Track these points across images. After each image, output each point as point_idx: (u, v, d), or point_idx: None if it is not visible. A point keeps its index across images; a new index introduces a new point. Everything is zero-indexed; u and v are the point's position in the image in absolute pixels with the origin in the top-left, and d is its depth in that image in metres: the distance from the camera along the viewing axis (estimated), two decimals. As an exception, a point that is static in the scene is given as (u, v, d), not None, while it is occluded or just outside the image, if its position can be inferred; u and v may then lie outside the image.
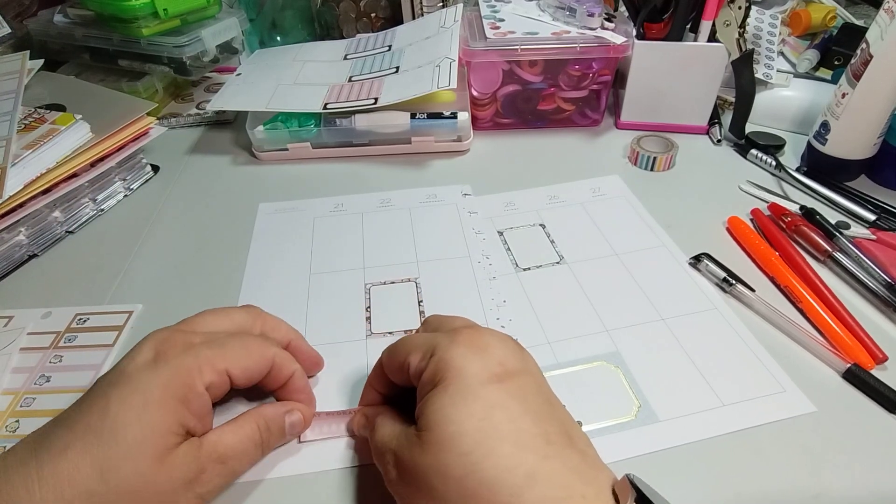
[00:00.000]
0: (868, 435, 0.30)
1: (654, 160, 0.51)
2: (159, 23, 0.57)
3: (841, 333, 0.35)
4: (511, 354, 0.25)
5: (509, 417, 0.22)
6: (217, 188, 0.52)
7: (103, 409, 0.24)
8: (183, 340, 0.27)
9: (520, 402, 0.23)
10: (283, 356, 0.30)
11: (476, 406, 0.22)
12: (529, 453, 0.21)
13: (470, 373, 0.23)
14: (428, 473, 0.22)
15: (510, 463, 0.21)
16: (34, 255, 0.44)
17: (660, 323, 0.37)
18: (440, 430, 0.22)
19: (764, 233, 0.44)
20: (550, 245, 0.44)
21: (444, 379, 0.24)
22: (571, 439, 0.23)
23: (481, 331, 0.26)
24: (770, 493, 0.28)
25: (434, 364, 0.24)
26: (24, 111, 0.45)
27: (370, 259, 0.43)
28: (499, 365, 0.24)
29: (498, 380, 0.23)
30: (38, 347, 0.36)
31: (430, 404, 0.23)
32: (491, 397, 0.23)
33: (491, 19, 0.56)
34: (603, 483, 0.22)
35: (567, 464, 0.22)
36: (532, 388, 0.24)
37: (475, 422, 0.22)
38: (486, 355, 0.24)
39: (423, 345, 0.26)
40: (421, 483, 0.22)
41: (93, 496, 0.22)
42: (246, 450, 0.27)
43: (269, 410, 0.29)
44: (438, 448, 0.22)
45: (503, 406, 0.23)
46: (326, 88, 0.55)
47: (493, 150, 0.56)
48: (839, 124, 0.47)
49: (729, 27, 0.51)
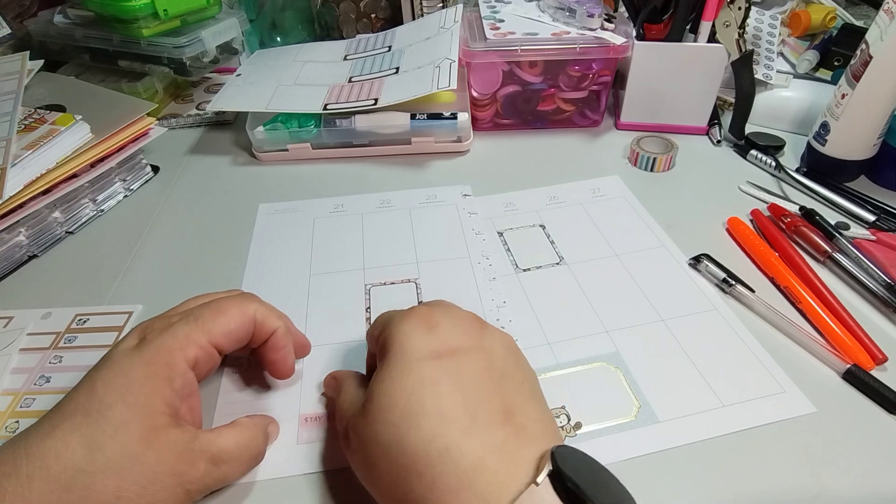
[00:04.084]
0: (868, 435, 0.30)
1: (654, 161, 0.51)
2: (159, 23, 0.57)
3: (841, 334, 0.35)
4: (461, 333, 0.26)
5: (437, 393, 0.23)
6: (217, 189, 0.52)
7: (90, 391, 0.25)
8: (162, 323, 0.28)
9: (454, 379, 0.24)
10: (264, 311, 0.30)
11: (409, 380, 0.24)
12: (450, 429, 0.22)
13: (411, 348, 0.25)
14: (365, 442, 0.24)
15: (428, 435, 0.22)
16: (34, 256, 0.44)
17: (660, 323, 0.37)
18: (377, 402, 0.24)
19: (764, 233, 0.44)
20: (550, 246, 0.44)
21: (388, 352, 0.25)
22: (509, 416, 0.23)
23: (437, 308, 0.27)
24: (770, 493, 0.28)
25: (384, 337, 0.26)
26: (25, 112, 0.45)
27: (370, 260, 0.43)
28: (441, 342, 0.25)
29: (436, 356, 0.24)
30: (38, 348, 0.36)
31: (374, 378, 0.25)
32: (424, 373, 0.24)
33: (491, 20, 0.56)
34: (527, 457, 0.22)
35: (487, 440, 0.22)
36: (474, 367, 0.25)
37: (405, 395, 0.23)
38: (433, 332, 0.25)
39: (384, 319, 0.28)
40: (360, 451, 0.24)
41: (78, 473, 0.22)
42: (241, 457, 0.27)
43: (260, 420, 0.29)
44: (374, 418, 0.24)
45: (434, 382, 0.23)
46: (326, 89, 0.55)
47: (493, 151, 0.56)
48: (839, 125, 0.47)
49: (729, 28, 0.51)
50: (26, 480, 0.22)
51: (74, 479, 0.22)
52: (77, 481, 0.22)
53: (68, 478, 0.22)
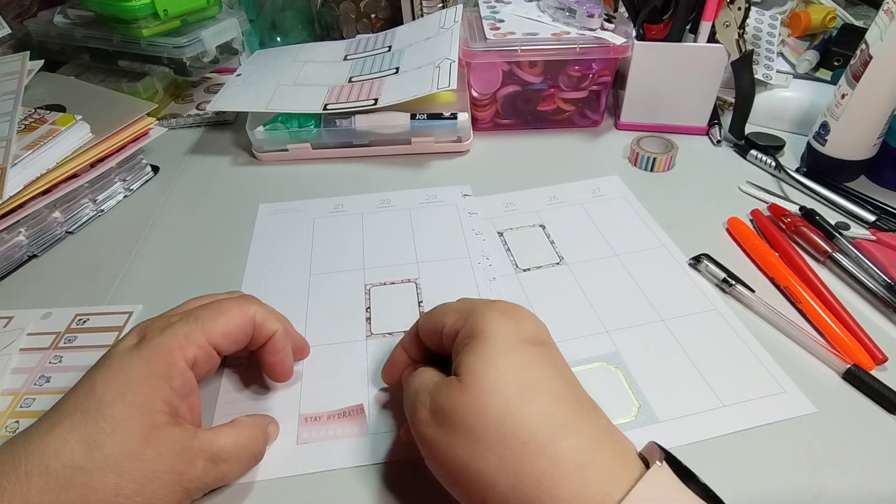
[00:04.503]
0: (868, 435, 0.30)
1: (654, 161, 0.51)
2: (159, 23, 0.57)
3: (841, 334, 0.35)
4: (542, 329, 0.27)
5: (545, 375, 0.24)
6: (217, 189, 0.52)
7: (89, 389, 0.25)
8: (162, 323, 0.28)
9: (552, 366, 0.25)
10: (264, 313, 0.30)
11: (515, 359, 0.24)
12: (565, 408, 0.23)
13: (506, 331, 0.25)
14: (467, 414, 0.23)
15: (547, 412, 0.22)
16: (34, 256, 0.44)
17: (660, 323, 0.37)
18: (483, 374, 0.23)
19: (764, 233, 0.44)
20: (550, 246, 0.44)
21: (482, 334, 0.25)
22: (597, 409, 0.24)
23: (516, 305, 0.27)
24: (770, 493, 0.28)
25: (472, 323, 0.26)
26: (25, 112, 0.45)
27: (370, 260, 0.43)
28: (532, 332, 0.26)
29: (532, 343, 0.25)
30: (38, 348, 0.36)
31: (469, 353, 0.24)
32: (527, 355, 0.24)
33: (491, 20, 0.56)
34: (629, 446, 0.23)
35: (597, 423, 0.23)
36: (561, 360, 0.26)
37: (514, 373, 0.23)
38: (521, 323, 0.26)
39: (462, 307, 0.27)
40: (458, 424, 0.23)
41: (77, 471, 0.22)
42: (240, 456, 0.27)
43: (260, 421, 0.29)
44: (479, 391, 0.23)
45: (539, 365, 0.24)
46: (326, 89, 0.55)
47: (493, 151, 0.56)
48: (839, 125, 0.47)
49: (728, 28, 0.51)
50: (25, 478, 0.22)
51: (73, 476, 0.22)
52: (75, 479, 0.22)
53: (67, 475, 0.22)
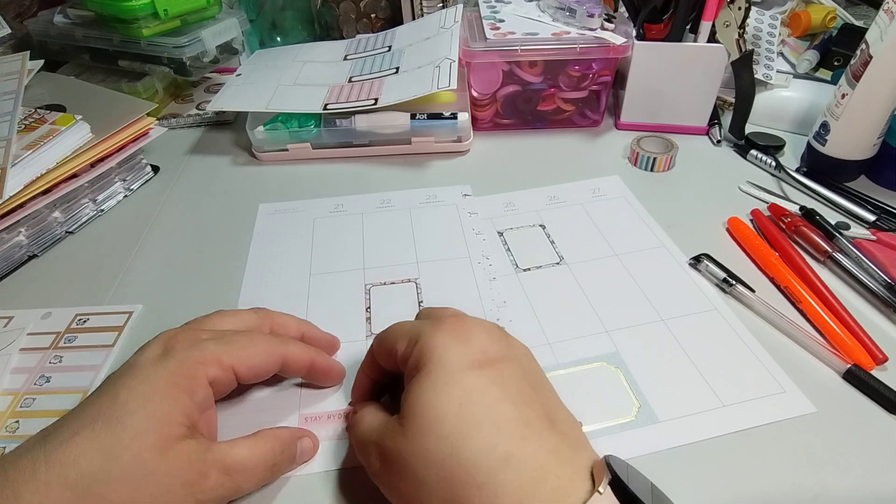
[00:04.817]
0: (868, 435, 0.30)
1: (654, 161, 0.51)
2: (159, 23, 0.57)
3: (841, 334, 0.35)
4: (494, 342, 0.25)
5: (488, 403, 0.23)
6: (217, 188, 0.52)
7: (113, 397, 0.25)
8: (191, 336, 0.28)
9: (500, 387, 0.24)
10: (295, 350, 0.30)
11: (456, 391, 0.23)
12: (506, 436, 0.22)
13: (451, 359, 0.24)
14: (410, 459, 0.23)
15: (486, 445, 0.22)
16: (34, 256, 0.44)
17: (660, 323, 0.37)
18: (422, 416, 0.23)
19: (764, 233, 0.44)
20: (550, 246, 0.44)
21: (426, 365, 0.24)
22: (553, 422, 0.23)
23: (465, 319, 0.27)
24: (770, 494, 0.28)
25: (418, 350, 0.25)
26: (25, 111, 0.45)
27: (370, 259, 0.43)
28: (481, 352, 0.25)
29: (479, 366, 0.24)
30: (38, 348, 0.36)
31: (412, 392, 0.24)
32: (470, 383, 0.23)
33: (491, 20, 0.56)
34: (581, 463, 0.22)
35: (544, 446, 0.22)
36: (514, 374, 0.25)
37: (455, 407, 0.23)
38: (469, 343, 0.25)
39: (409, 332, 0.27)
40: (404, 469, 0.23)
41: (94, 482, 0.22)
42: (255, 468, 0.27)
43: (284, 434, 0.29)
44: (419, 433, 0.23)
45: (483, 391, 0.23)
46: (326, 89, 0.55)
47: (493, 151, 0.56)
48: (839, 125, 0.47)
49: (729, 28, 0.51)
50: (44, 488, 0.22)
51: (90, 487, 0.22)
52: (93, 490, 0.22)
53: (84, 486, 0.22)
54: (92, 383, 0.34)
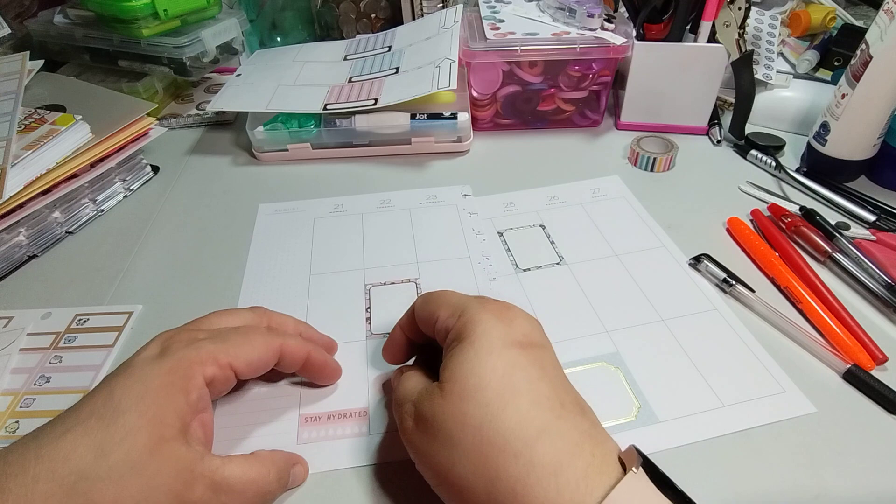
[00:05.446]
0: (868, 435, 0.30)
1: (654, 161, 0.51)
2: (159, 23, 0.57)
3: (841, 334, 0.35)
4: (534, 330, 0.27)
5: (528, 378, 0.24)
6: (217, 189, 0.52)
7: (108, 396, 0.25)
8: (188, 336, 0.28)
9: (539, 368, 0.24)
10: (291, 343, 0.30)
11: (499, 363, 0.24)
12: (545, 411, 0.23)
13: (495, 334, 0.25)
14: (447, 421, 0.23)
15: (526, 416, 0.22)
16: (34, 256, 0.44)
17: (660, 324, 0.37)
18: (463, 381, 0.24)
19: (764, 233, 0.44)
20: (550, 246, 0.44)
21: (470, 335, 0.25)
22: (583, 410, 0.24)
23: (510, 305, 0.27)
24: (770, 494, 0.28)
25: (462, 322, 0.26)
26: (25, 112, 0.45)
27: (370, 260, 0.43)
28: (522, 335, 0.25)
29: (520, 346, 0.25)
30: (38, 348, 0.36)
31: (454, 358, 0.25)
32: (513, 358, 0.24)
33: (491, 20, 0.56)
34: (610, 448, 0.23)
35: (578, 427, 0.23)
36: (551, 360, 0.26)
37: (497, 377, 0.23)
38: (512, 325, 0.26)
39: (455, 303, 0.27)
40: (438, 431, 0.24)
41: (82, 478, 0.22)
42: (245, 491, 0.26)
43: (280, 459, 0.28)
44: (459, 398, 0.23)
45: (524, 368, 0.24)
46: (326, 89, 0.55)
47: (493, 151, 0.56)
48: (839, 125, 0.47)
49: (729, 28, 0.51)
50: (32, 482, 0.22)
51: (77, 484, 0.22)
52: (79, 487, 0.22)
53: (71, 483, 0.22)
54: (92, 383, 0.34)
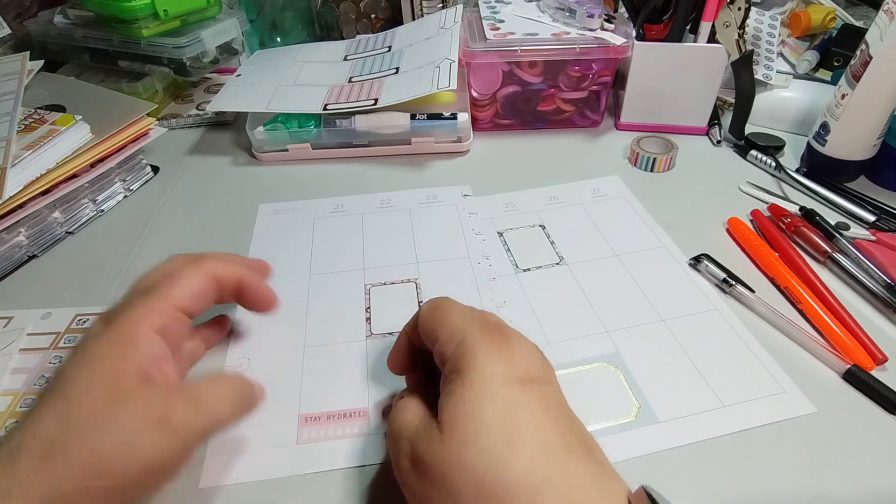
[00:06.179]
0: (868, 435, 0.30)
1: (654, 161, 0.51)
2: (159, 24, 0.57)
3: (841, 334, 0.35)
4: (536, 363, 0.25)
5: (532, 421, 0.22)
6: (217, 189, 0.52)
7: (59, 374, 0.25)
8: (123, 302, 0.29)
9: (542, 408, 0.23)
10: (220, 266, 0.31)
11: (500, 405, 0.22)
12: (550, 458, 0.22)
13: (494, 372, 0.23)
14: (445, 467, 0.22)
15: (530, 466, 0.21)
16: (34, 256, 0.44)
17: (660, 324, 0.37)
18: (463, 425, 0.22)
19: (764, 234, 0.44)
20: (550, 246, 0.44)
21: (468, 373, 0.23)
22: (590, 450, 0.23)
23: (511, 335, 0.26)
24: (770, 494, 0.28)
25: (461, 352, 0.24)
26: (24, 112, 0.45)
27: (370, 260, 0.43)
28: (523, 370, 0.24)
29: (521, 383, 0.23)
30: (38, 348, 0.36)
31: (452, 395, 0.23)
32: (514, 399, 0.23)
33: (491, 20, 0.56)
34: (619, 493, 0.22)
35: (585, 473, 0.22)
36: (554, 397, 0.24)
37: (498, 421, 0.22)
38: (512, 359, 0.24)
39: (455, 326, 0.26)
40: (436, 476, 0.22)
41: (52, 443, 0.23)
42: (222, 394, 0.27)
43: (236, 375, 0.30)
44: (458, 443, 0.22)
45: (526, 408, 0.23)
46: (326, 89, 0.55)
47: (493, 151, 0.56)
48: (839, 125, 0.47)
49: (728, 28, 0.51)
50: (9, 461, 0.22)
51: (50, 448, 0.23)
52: (53, 449, 0.23)
53: (45, 448, 0.22)
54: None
